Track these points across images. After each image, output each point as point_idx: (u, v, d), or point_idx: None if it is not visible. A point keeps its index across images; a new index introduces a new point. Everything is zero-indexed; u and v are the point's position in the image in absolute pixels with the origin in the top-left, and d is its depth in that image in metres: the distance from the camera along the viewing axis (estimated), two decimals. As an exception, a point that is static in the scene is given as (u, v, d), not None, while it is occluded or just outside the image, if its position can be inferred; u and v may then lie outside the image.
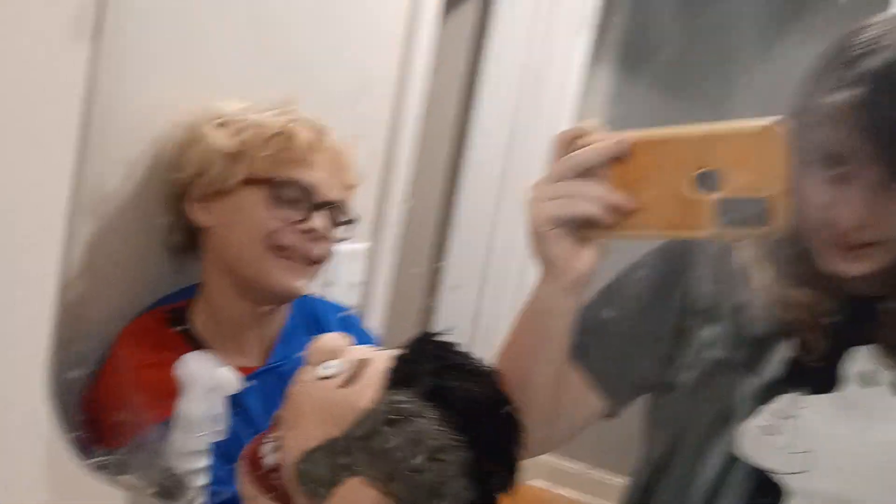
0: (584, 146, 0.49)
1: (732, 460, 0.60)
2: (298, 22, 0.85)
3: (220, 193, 0.66)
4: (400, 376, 0.48)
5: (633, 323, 0.63)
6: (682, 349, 0.63)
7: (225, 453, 0.63)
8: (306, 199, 0.66)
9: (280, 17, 0.83)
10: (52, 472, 0.77)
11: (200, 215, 0.68)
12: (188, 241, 0.70)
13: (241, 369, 0.66)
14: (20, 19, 0.66)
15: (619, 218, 0.48)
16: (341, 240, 0.70)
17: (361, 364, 0.50)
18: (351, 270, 0.93)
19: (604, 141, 0.49)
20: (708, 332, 0.62)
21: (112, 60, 0.65)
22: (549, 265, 0.51)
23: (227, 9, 0.76)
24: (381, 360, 0.50)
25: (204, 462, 0.64)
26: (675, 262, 0.63)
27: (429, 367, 0.49)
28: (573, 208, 0.49)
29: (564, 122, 0.83)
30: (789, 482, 0.57)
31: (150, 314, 0.70)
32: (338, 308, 0.80)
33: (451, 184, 0.92)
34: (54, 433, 0.66)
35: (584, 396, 0.62)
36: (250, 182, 0.65)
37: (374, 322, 1.03)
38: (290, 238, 0.66)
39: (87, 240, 0.68)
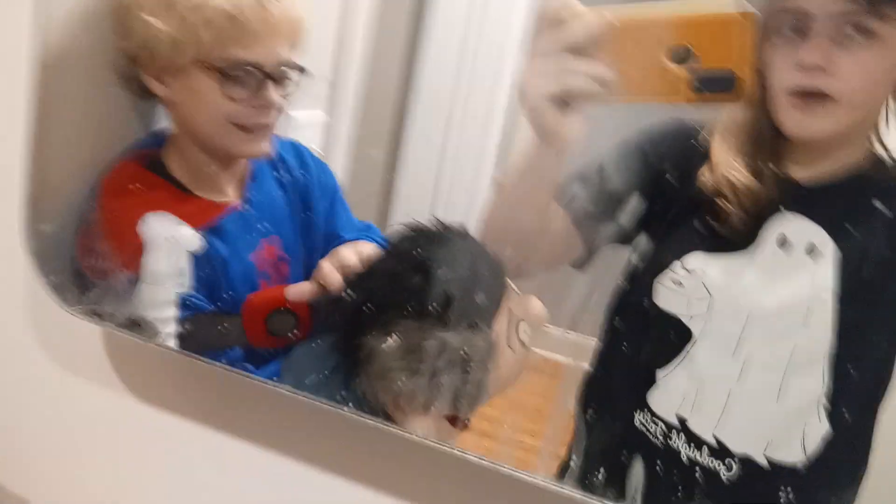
0: (566, 22, 0.54)
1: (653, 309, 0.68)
2: None
3: (171, 71, 0.66)
4: None
5: (605, 181, 0.69)
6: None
7: (209, 273, 0.69)
8: (257, 75, 0.66)
9: None
10: (32, 313, 0.83)
11: (156, 87, 0.68)
12: (147, 93, 0.70)
13: (222, 205, 0.72)
14: None
15: (605, 88, 0.54)
16: (295, 91, 0.71)
17: None
18: (309, 139, 0.92)
19: (588, 19, 0.53)
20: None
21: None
22: (543, 134, 0.57)
23: None
24: None
25: (171, 311, 0.69)
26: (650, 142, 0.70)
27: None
28: (564, 83, 0.54)
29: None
30: (692, 325, 0.66)
31: (126, 162, 0.71)
32: (292, 144, 0.79)
33: (410, 61, 0.90)
34: (33, 279, 0.70)
35: (565, 236, 0.69)
36: (199, 64, 0.65)
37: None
38: (247, 116, 0.68)
39: (50, 94, 0.68)
